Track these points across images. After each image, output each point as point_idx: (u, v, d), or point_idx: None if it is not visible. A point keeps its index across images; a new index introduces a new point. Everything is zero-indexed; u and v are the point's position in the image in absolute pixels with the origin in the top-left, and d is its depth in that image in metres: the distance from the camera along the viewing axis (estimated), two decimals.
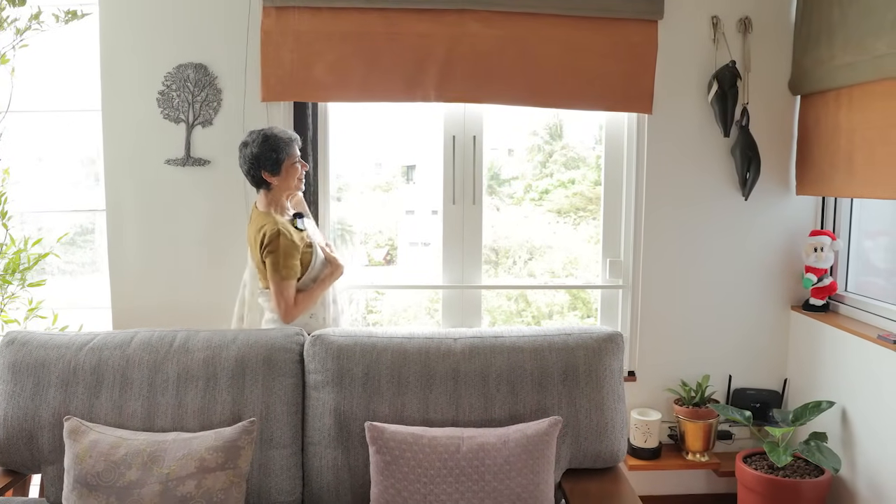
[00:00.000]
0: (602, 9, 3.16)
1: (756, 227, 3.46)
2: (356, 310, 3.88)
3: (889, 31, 2.65)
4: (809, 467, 3.10)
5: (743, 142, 3.31)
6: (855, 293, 3.33)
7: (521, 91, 3.20)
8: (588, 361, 2.44)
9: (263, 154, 2.71)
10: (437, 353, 2.45)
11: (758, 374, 3.56)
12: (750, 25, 3.32)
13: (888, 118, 2.72)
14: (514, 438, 2.23)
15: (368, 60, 3.14)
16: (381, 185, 4.01)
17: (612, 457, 2.45)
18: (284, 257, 2.69)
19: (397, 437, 2.23)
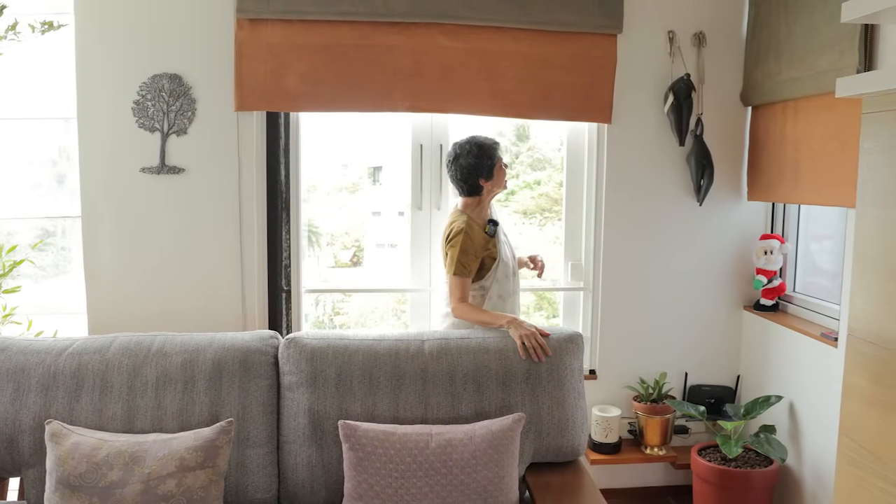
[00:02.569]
0: (563, 23, 3.30)
1: (710, 231, 3.63)
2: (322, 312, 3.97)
3: (829, 49, 2.82)
4: (759, 458, 3.28)
5: (697, 150, 3.47)
6: (802, 293, 3.51)
7: (486, 102, 3.32)
8: (550, 361, 2.58)
9: (480, 163, 2.94)
10: (406, 355, 2.57)
11: (712, 371, 3.73)
12: (704, 40, 3.48)
13: (829, 130, 2.90)
14: (480, 434, 2.35)
15: (339, 72, 3.23)
16: (347, 187, 4.06)
17: (573, 451, 2.59)
18: (461, 254, 2.88)
19: (369, 435, 2.34)
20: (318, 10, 3.16)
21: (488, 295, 3.00)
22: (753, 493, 3.17)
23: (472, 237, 2.92)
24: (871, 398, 2.05)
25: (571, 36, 3.34)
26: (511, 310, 3.03)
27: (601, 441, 3.48)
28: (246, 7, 3.15)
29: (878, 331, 2.02)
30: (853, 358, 2.13)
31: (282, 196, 3.33)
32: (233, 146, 3.28)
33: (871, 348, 2.05)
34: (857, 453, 2.10)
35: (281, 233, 3.35)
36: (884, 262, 2.00)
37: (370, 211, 4.17)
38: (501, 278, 3.00)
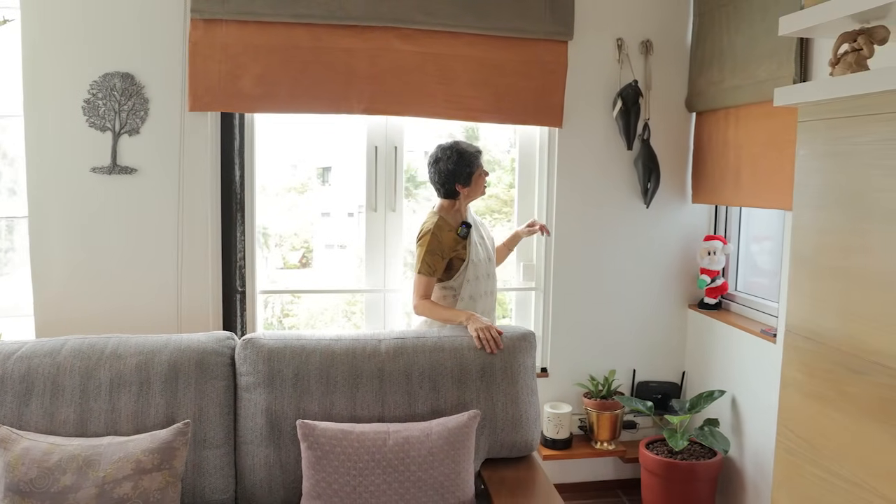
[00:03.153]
0: (516, 29, 3.38)
1: (656, 232, 3.75)
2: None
3: (768, 59, 2.95)
4: (704, 450, 3.40)
5: (645, 154, 3.58)
6: (743, 292, 3.65)
7: (440, 105, 3.38)
8: (504, 359, 2.65)
9: (459, 169, 3.02)
10: (363, 354, 2.60)
11: (659, 368, 3.85)
12: (651, 48, 3.60)
13: (768, 136, 3.03)
14: (436, 431, 2.41)
15: (295, 73, 3.25)
16: (296, 187, 4.05)
17: (527, 446, 2.66)
18: (427, 253, 2.97)
19: (328, 434, 2.37)
20: (274, 12, 3.18)
21: (460, 296, 3.07)
22: (698, 483, 3.29)
23: (441, 238, 3.00)
24: (806, 390, 2.16)
25: (524, 42, 3.42)
26: (483, 310, 3.09)
27: (553, 437, 3.57)
28: (200, 7, 3.15)
29: (813, 327, 2.13)
30: (790, 353, 2.24)
31: (236, 197, 3.33)
32: (187, 146, 3.27)
33: (806, 343, 2.16)
34: (794, 442, 2.22)
35: (235, 234, 3.35)
36: (817, 262, 2.11)
37: (319, 212, 4.16)
38: (472, 279, 3.08)
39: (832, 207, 2.05)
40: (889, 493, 1.83)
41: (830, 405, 2.06)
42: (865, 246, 1.93)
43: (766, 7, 2.98)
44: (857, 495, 1.95)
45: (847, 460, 1.99)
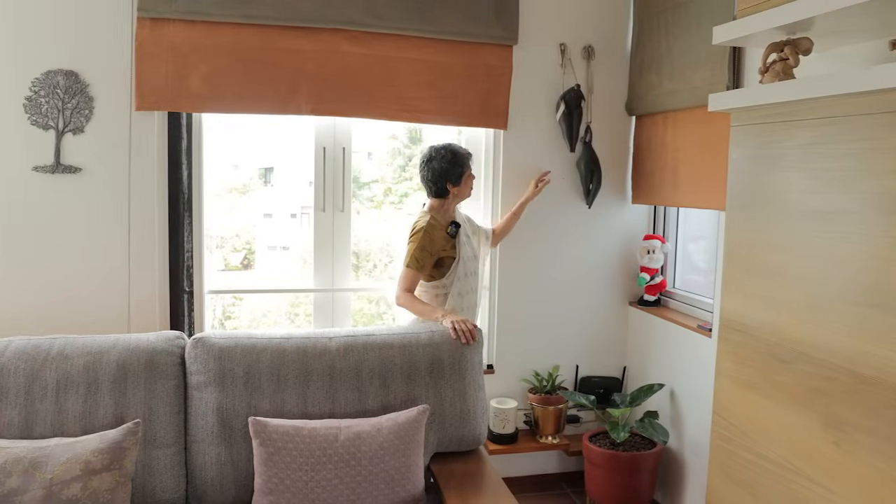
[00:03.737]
0: (462, 33, 3.45)
1: (598, 232, 3.87)
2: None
3: (703, 66, 3.09)
4: (644, 441, 3.53)
5: (587, 156, 3.70)
6: (681, 289, 3.79)
7: (388, 107, 3.44)
8: (452, 355, 2.71)
9: (451, 168, 3.19)
10: (313, 352, 2.64)
11: (601, 363, 3.97)
12: (593, 53, 3.71)
13: (703, 140, 3.17)
14: (386, 426, 2.46)
15: (243, 74, 3.26)
16: (237, 188, 4.04)
17: (475, 440, 2.74)
18: (418, 249, 3.13)
19: (279, 430, 2.40)
20: (223, 13, 3.19)
21: (450, 293, 3.21)
22: (640, 473, 3.41)
23: (433, 236, 3.15)
24: (738, 380, 2.29)
25: (470, 46, 3.50)
26: (470, 306, 3.28)
27: (499, 432, 3.65)
28: (147, 6, 3.13)
29: (744, 320, 2.25)
30: (723, 345, 2.37)
31: (184, 197, 3.32)
32: (133, 146, 3.25)
33: (738, 336, 2.28)
34: (728, 430, 2.34)
35: (183, 234, 3.35)
36: (748, 259, 2.24)
37: (262, 213, 4.15)
38: (462, 276, 3.23)
39: (761, 208, 2.18)
40: (812, 474, 1.96)
41: (760, 393, 2.18)
42: (790, 244, 2.06)
43: (701, 16, 3.11)
44: (784, 477, 2.07)
45: (775, 444, 2.11)
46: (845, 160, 1.85)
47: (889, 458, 1.71)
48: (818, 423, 1.94)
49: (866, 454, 1.78)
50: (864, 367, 1.78)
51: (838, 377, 1.87)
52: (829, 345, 1.90)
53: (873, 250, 1.75)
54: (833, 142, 1.89)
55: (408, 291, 3.11)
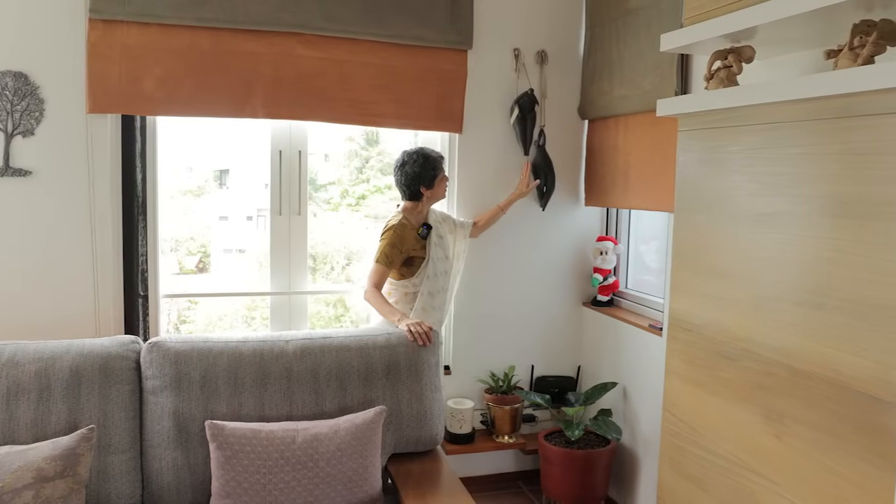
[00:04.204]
0: (417, 38, 3.49)
1: (552, 234, 3.93)
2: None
3: (652, 72, 3.17)
4: (599, 439, 3.60)
5: (540, 159, 3.76)
6: (633, 290, 3.88)
7: (343, 110, 3.45)
8: (408, 357, 2.74)
9: (424, 172, 3.27)
10: (270, 355, 2.65)
11: (556, 363, 4.03)
12: (546, 58, 3.78)
13: (653, 144, 3.25)
14: (344, 428, 2.48)
15: (197, 77, 3.25)
16: (192, 190, 4.01)
17: (432, 440, 2.77)
18: (389, 246, 3.21)
19: (237, 433, 2.40)
20: (177, 15, 3.17)
21: (420, 291, 3.30)
22: (594, 470, 3.48)
23: (404, 236, 3.24)
24: (687, 378, 2.36)
25: (425, 50, 3.53)
26: (440, 305, 3.36)
27: (456, 432, 3.69)
28: (99, 7, 3.10)
29: (692, 319, 2.33)
30: (673, 344, 2.44)
31: (138, 200, 3.30)
32: (85, 149, 3.21)
33: (686, 335, 2.36)
34: (677, 426, 2.41)
35: (137, 237, 3.32)
36: (695, 260, 2.31)
37: (217, 215, 4.13)
38: (432, 276, 3.32)
39: (707, 210, 2.25)
40: (757, 467, 2.04)
41: (707, 390, 2.26)
42: (735, 245, 2.13)
43: (650, 24, 3.19)
44: (731, 471, 2.15)
45: (722, 439, 2.19)
46: (786, 165, 1.93)
47: (827, 449, 1.79)
48: (761, 418, 2.02)
49: (806, 446, 1.86)
50: (802, 362, 1.86)
51: (778, 373, 1.95)
52: (770, 342, 1.98)
53: (814, 252, 1.83)
54: (774, 147, 1.97)
55: (376, 287, 3.18)
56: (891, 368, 1.61)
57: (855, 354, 1.71)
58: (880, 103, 1.63)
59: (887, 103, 1.61)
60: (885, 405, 1.62)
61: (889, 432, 1.61)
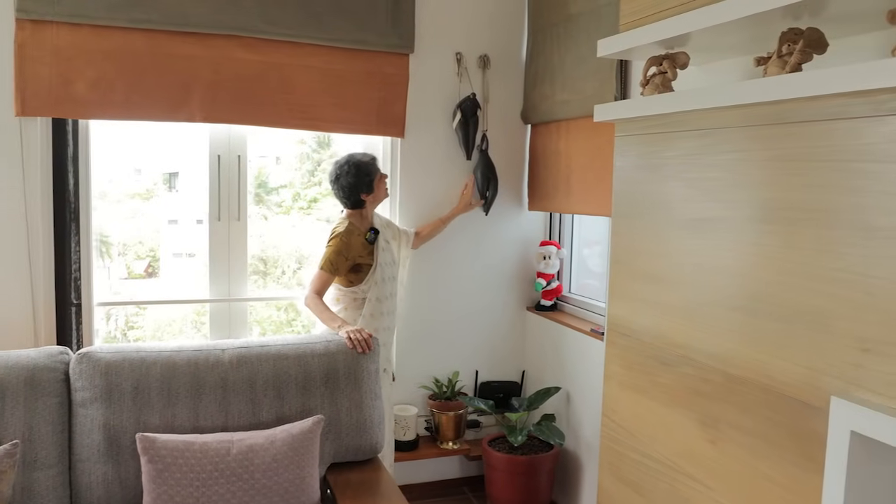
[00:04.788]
0: (358, 41, 3.45)
1: (496, 239, 3.93)
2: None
3: (593, 77, 3.19)
4: (542, 444, 3.60)
5: (483, 164, 3.75)
6: (577, 294, 3.90)
7: (283, 115, 3.40)
8: (347, 365, 2.71)
9: (359, 180, 3.22)
10: (205, 364, 2.58)
11: (501, 368, 4.03)
12: (489, 62, 3.78)
13: (594, 148, 3.26)
14: (280, 438, 2.43)
15: (132, 80, 3.16)
16: (140, 193, 3.93)
17: (372, 449, 2.73)
18: (334, 253, 3.16)
19: (169, 446, 2.34)
20: (109, 16, 3.08)
21: (368, 297, 3.25)
22: (538, 475, 3.48)
23: (351, 242, 3.19)
24: (625, 383, 2.37)
25: (366, 54, 3.50)
26: (388, 311, 3.32)
27: (400, 439, 3.66)
28: (27, 7, 3.00)
29: (630, 324, 2.34)
30: (611, 349, 2.45)
31: (70, 206, 3.19)
32: (15, 153, 3.10)
33: (624, 340, 2.37)
34: (616, 431, 2.42)
35: (69, 244, 3.21)
36: (632, 265, 2.33)
37: (166, 219, 4.05)
38: (380, 281, 3.27)
39: (643, 215, 2.27)
40: (693, 472, 2.05)
41: (645, 395, 2.27)
42: (669, 250, 2.15)
43: (590, 29, 3.21)
44: (668, 475, 2.16)
45: (659, 444, 2.20)
46: (719, 170, 1.95)
47: (760, 454, 1.80)
48: (697, 423, 2.03)
49: (740, 451, 1.87)
50: (737, 368, 1.88)
51: (714, 379, 1.96)
52: (706, 348, 2.00)
53: (747, 258, 1.85)
54: (708, 153, 1.99)
55: (317, 294, 3.12)
56: (820, 374, 1.63)
57: (787, 360, 1.73)
58: (808, 110, 1.65)
59: (814, 110, 1.64)
60: (814, 410, 1.64)
61: (818, 437, 1.63)
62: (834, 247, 1.60)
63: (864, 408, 1.49)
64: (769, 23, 1.83)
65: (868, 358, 1.51)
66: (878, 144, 1.49)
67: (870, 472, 1.55)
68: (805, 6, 1.67)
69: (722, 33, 2.01)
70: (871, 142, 1.51)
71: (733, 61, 2.37)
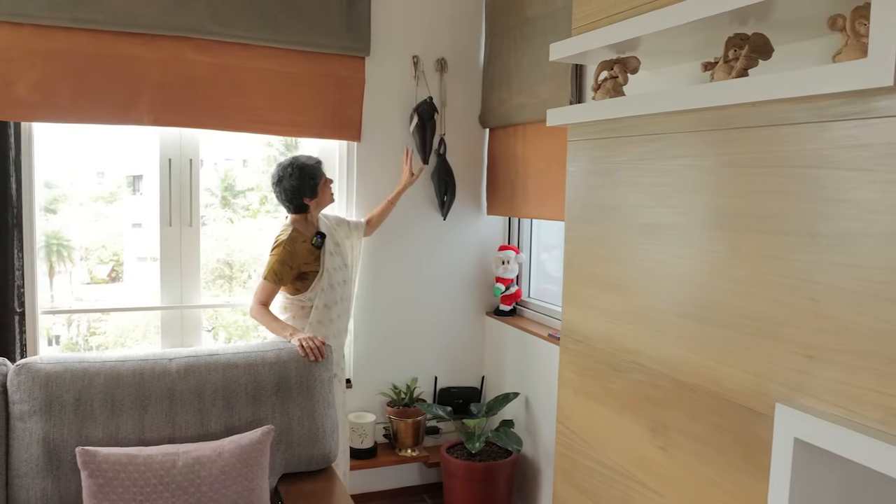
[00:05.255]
0: (312, 44, 3.40)
1: (454, 243, 3.90)
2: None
3: (549, 81, 3.17)
4: (501, 450, 3.57)
5: (441, 168, 3.72)
6: (536, 299, 3.88)
7: (235, 118, 3.34)
8: (299, 373, 2.65)
9: (302, 184, 3.09)
10: (151, 374, 2.51)
11: (460, 374, 4.00)
12: (446, 66, 3.75)
13: (550, 152, 3.25)
14: (228, 450, 2.37)
15: (77, 81, 3.08)
16: (103, 196, 3.86)
17: (325, 458, 2.68)
18: (278, 263, 3.04)
19: (111, 460, 2.26)
20: (52, 16, 3.00)
21: (315, 304, 3.14)
22: (496, 482, 3.45)
23: (295, 249, 3.08)
24: (579, 389, 2.35)
25: (321, 56, 3.45)
26: (340, 315, 3.22)
27: (357, 447, 3.60)
28: None
29: (583, 330, 2.32)
30: (565, 355, 2.43)
31: (13, 212, 3.09)
32: None
33: (577, 346, 2.34)
34: (570, 438, 2.40)
35: (12, 251, 3.11)
36: (584, 270, 2.31)
37: (130, 222, 3.97)
38: (327, 288, 3.15)
39: (596, 221, 2.25)
40: (644, 479, 2.03)
41: (598, 401, 2.25)
42: (619, 255, 2.13)
43: (546, 33, 3.19)
44: (620, 482, 2.14)
45: (612, 451, 2.18)
46: (667, 176, 1.93)
47: (709, 461, 1.79)
48: (647, 430, 2.02)
49: (689, 458, 1.86)
50: (686, 374, 1.87)
51: (664, 385, 1.95)
52: (657, 354, 1.98)
53: (696, 264, 1.84)
54: (657, 158, 1.98)
55: (262, 304, 3.03)
56: (766, 380, 1.62)
57: (734, 367, 1.71)
58: (753, 116, 1.65)
59: (759, 116, 1.63)
60: (760, 417, 1.63)
61: (764, 444, 1.61)
62: (780, 253, 1.59)
63: (807, 415, 1.48)
64: (717, 27, 1.82)
65: (812, 364, 1.51)
66: (822, 150, 1.49)
67: (814, 478, 1.54)
68: (751, 11, 1.66)
69: (672, 38, 1.99)
70: (814, 147, 1.50)
71: (687, 66, 2.36)
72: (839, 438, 1.41)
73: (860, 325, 1.41)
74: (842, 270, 1.45)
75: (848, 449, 1.40)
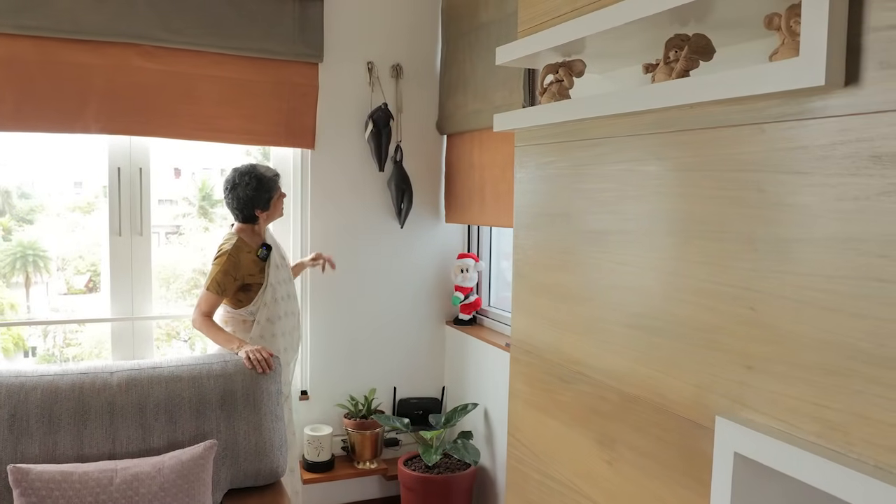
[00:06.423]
0: (264, 50, 3.34)
1: (412, 252, 3.84)
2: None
3: (503, 86, 3.14)
4: (459, 463, 3.51)
5: (397, 175, 3.67)
6: (496, 307, 3.83)
7: (186, 126, 3.26)
8: (245, 386, 2.58)
9: (258, 195, 2.98)
10: (91, 388, 2.44)
11: (420, 384, 3.94)
12: (401, 72, 3.70)
13: (505, 159, 3.21)
14: (169, 465, 2.30)
15: (20, 89, 3.00)
16: (81, 206, 3.79)
17: (272, 473, 2.61)
18: (221, 273, 2.92)
19: (44, 477, 2.19)
20: None
21: (257, 319, 3.01)
22: (454, 496, 3.39)
23: (239, 260, 2.97)
24: (529, 401, 2.30)
25: (273, 63, 3.39)
26: (284, 331, 3.07)
27: (314, 460, 3.53)
28: None
29: (532, 340, 2.27)
30: (515, 365, 2.38)
31: None
32: None
33: (527, 356, 2.30)
34: (521, 451, 2.34)
35: None
36: (532, 278, 2.26)
37: (108, 232, 3.89)
38: (270, 302, 3.02)
39: (542, 228, 2.21)
40: (590, 493, 1.99)
41: (547, 413, 2.20)
42: (566, 263, 2.09)
43: (500, 38, 3.16)
44: (569, 497, 2.09)
45: (560, 465, 2.13)
46: (610, 181, 1.89)
47: (654, 476, 1.75)
48: (595, 443, 1.97)
49: (635, 472, 1.81)
50: (632, 386, 1.82)
51: (610, 397, 1.90)
52: (603, 365, 1.93)
53: (639, 272, 1.79)
54: (600, 163, 1.94)
55: (206, 315, 2.93)
56: (707, 392, 1.58)
57: (677, 378, 1.67)
58: (691, 118, 1.61)
59: (697, 118, 1.59)
60: (702, 430, 1.59)
61: (706, 458, 1.57)
62: (720, 260, 1.55)
63: (747, 428, 1.44)
64: (659, 28, 1.78)
65: (752, 375, 1.47)
66: (759, 153, 1.45)
67: (756, 494, 1.49)
68: (690, 11, 1.62)
69: (615, 39, 1.95)
70: (751, 150, 1.47)
71: (635, 69, 2.32)
72: (777, 453, 1.37)
73: (798, 334, 1.38)
74: (780, 278, 1.41)
75: (786, 464, 1.36)
